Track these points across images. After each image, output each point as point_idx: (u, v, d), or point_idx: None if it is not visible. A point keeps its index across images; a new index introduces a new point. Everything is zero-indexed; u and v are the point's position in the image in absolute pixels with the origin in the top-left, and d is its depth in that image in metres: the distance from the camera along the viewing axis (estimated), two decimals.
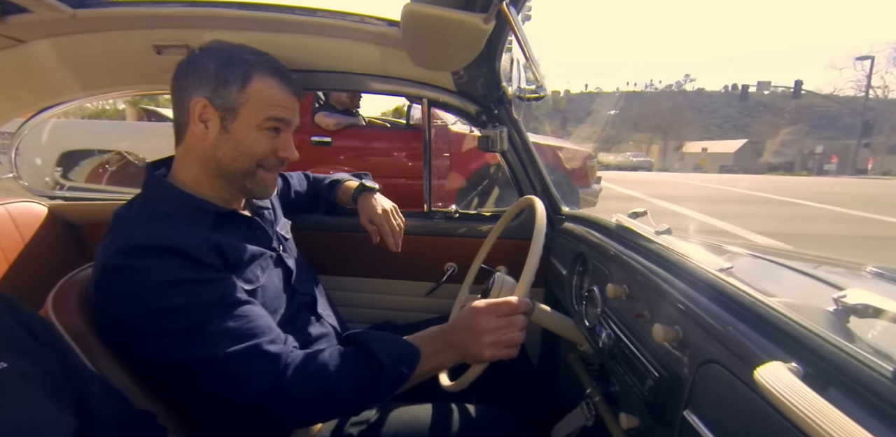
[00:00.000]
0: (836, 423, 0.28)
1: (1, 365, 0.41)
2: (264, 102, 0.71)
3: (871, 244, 4.91)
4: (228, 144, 0.72)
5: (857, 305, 0.40)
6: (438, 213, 1.32)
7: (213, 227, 0.72)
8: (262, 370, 0.61)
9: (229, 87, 0.70)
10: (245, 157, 0.73)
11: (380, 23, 0.99)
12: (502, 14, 0.71)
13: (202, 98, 0.70)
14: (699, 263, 0.58)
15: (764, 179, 19.17)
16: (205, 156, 0.73)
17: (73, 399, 0.46)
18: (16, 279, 1.04)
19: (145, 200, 0.73)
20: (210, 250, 0.66)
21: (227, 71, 0.70)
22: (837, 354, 0.35)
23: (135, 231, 0.66)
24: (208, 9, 0.94)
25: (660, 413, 0.54)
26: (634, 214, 0.86)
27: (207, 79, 0.70)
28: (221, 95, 0.70)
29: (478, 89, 1.16)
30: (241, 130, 0.71)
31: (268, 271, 0.76)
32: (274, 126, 0.73)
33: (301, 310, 0.82)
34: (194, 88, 0.70)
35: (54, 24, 0.91)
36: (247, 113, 0.71)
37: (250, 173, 0.74)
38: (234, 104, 0.70)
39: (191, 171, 0.74)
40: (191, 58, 0.72)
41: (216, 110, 0.70)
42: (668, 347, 0.54)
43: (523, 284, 0.69)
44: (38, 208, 1.19)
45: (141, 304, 0.61)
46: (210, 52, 0.72)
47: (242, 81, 0.70)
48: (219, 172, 0.74)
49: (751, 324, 0.43)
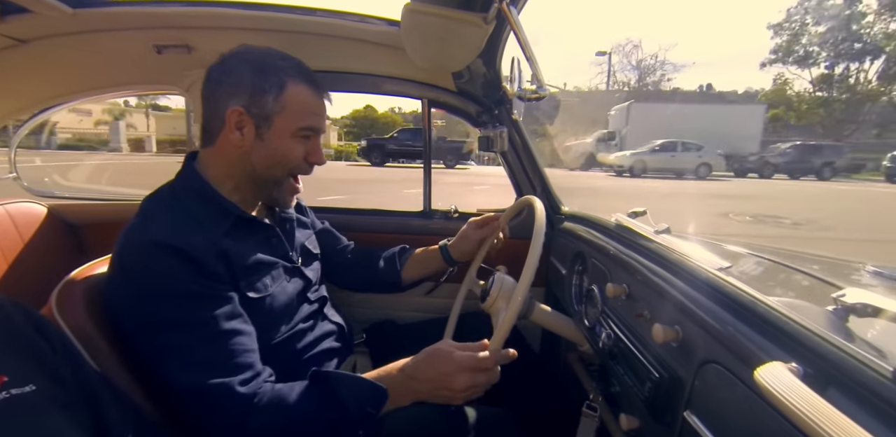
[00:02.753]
0: (836, 423, 0.28)
1: (30, 388, 0.40)
2: (298, 111, 0.72)
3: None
4: (263, 152, 0.72)
5: (856, 304, 0.40)
6: (438, 213, 1.33)
7: (228, 230, 0.72)
8: (228, 409, 0.61)
9: (266, 96, 0.70)
10: (279, 165, 0.74)
11: (380, 23, 0.99)
12: (502, 14, 0.71)
13: (239, 106, 0.70)
14: (699, 262, 0.58)
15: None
16: (238, 161, 0.73)
17: (90, 417, 0.46)
18: (15, 279, 1.04)
19: (175, 188, 0.74)
20: (217, 256, 0.66)
21: (262, 79, 0.70)
22: (837, 354, 0.35)
23: (150, 226, 0.67)
24: (208, 9, 0.94)
25: (660, 414, 0.54)
26: (634, 214, 0.86)
27: (244, 87, 0.70)
28: (258, 104, 0.70)
29: (478, 89, 1.16)
30: (276, 139, 0.72)
31: (279, 280, 0.76)
32: (307, 134, 0.74)
33: (310, 315, 0.83)
34: (230, 96, 0.70)
35: (54, 24, 0.91)
36: (281, 121, 0.71)
37: (280, 182, 0.76)
38: (270, 113, 0.70)
39: (218, 171, 0.75)
40: (224, 64, 0.72)
41: (252, 118, 0.70)
42: (668, 347, 0.54)
43: (523, 283, 0.69)
44: (37, 208, 1.19)
45: (137, 302, 0.62)
46: (243, 59, 0.72)
47: (278, 89, 0.70)
48: (250, 177, 0.74)
49: (751, 324, 0.43)
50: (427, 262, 1.02)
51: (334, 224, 1.11)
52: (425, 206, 1.33)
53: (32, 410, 0.40)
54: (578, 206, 1.23)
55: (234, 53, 0.73)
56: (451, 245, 1.01)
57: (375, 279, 1.01)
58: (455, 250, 1.00)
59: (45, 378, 0.43)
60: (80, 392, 0.47)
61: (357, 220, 1.33)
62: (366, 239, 1.29)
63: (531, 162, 1.23)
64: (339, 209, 1.35)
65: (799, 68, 26.19)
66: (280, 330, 0.76)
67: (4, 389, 0.39)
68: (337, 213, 1.33)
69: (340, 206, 1.38)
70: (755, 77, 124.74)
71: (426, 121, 1.28)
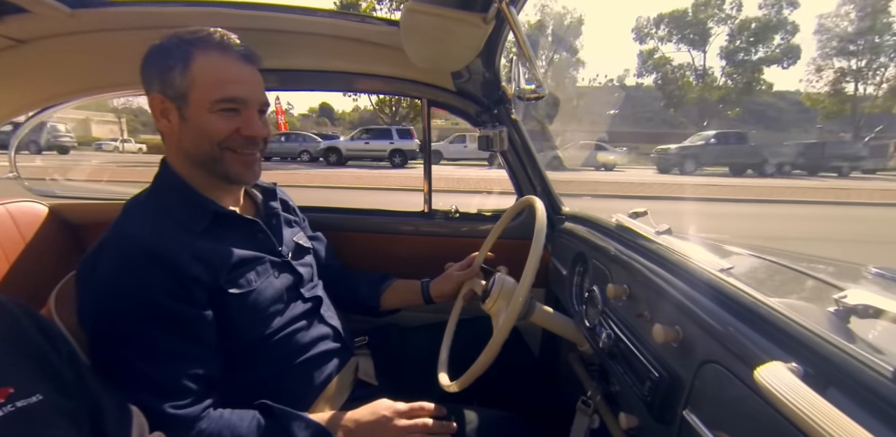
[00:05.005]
0: (836, 423, 0.28)
1: (36, 397, 0.40)
2: (211, 81, 0.67)
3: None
4: (189, 132, 0.70)
5: (857, 305, 0.40)
6: (438, 213, 1.32)
7: (207, 228, 0.71)
8: (173, 431, 0.59)
9: (172, 73, 0.66)
10: (204, 141, 0.70)
11: (380, 22, 0.99)
12: (502, 14, 0.71)
13: (156, 94, 0.69)
14: (699, 263, 0.58)
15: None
16: (177, 149, 0.73)
17: (90, 424, 0.46)
18: (16, 279, 1.04)
19: (154, 190, 0.74)
20: (194, 258, 0.66)
21: (166, 56, 0.67)
22: (837, 354, 0.35)
23: (128, 228, 0.66)
24: (208, 9, 0.94)
25: (659, 412, 0.54)
26: (635, 214, 0.86)
27: (155, 71, 0.68)
28: (168, 84, 0.67)
29: (477, 89, 1.16)
30: (196, 116, 0.68)
31: (266, 275, 0.76)
32: (229, 107, 0.69)
33: (304, 314, 0.82)
34: (149, 85, 0.69)
35: (53, 24, 0.91)
36: (196, 96, 0.67)
37: (217, 157, 0.71)
38: (183, 90, 0.67)
39: (179, 166, 0.75)
40: (143, 57, 0.70)
41: (171, 101, 0.68)
42: (669, 347, 0.54)
43: (524, 284, 0.69)
44: (38, 208, 1.19)
45: (98, 308, 0.62)
46: (157, 44, 0.69)
47: (183, 62, 0.66)
48: (191, 161, 0.73)
49: (751, 324, 0.43)
50: (407, 295, 1.04)
51: (334, 224, 1.12)
52: (426, 206, 1.33)
53: (37, 422, 0.39)
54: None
55: (155, 43, 0.70)
56: (433, 284, 1.02)
57: (355, 301, 1.03)
58: (435, 289, 1.01)
59: (50, 387, 0.42)
60: (82, 400, 0.46)
61: (357, 220, 1.33)
62: (366, 239, 1.29)
63: (531, 162, 1.23)
64: (339, 209, 1.35)
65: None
66: (270, 326, 0.75)
67: (10, 402, 0.39)
68: (337, 213, 1.33)
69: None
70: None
71: (426, 121, 1.28)
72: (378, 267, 1.27)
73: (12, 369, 0.41)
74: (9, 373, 0.41)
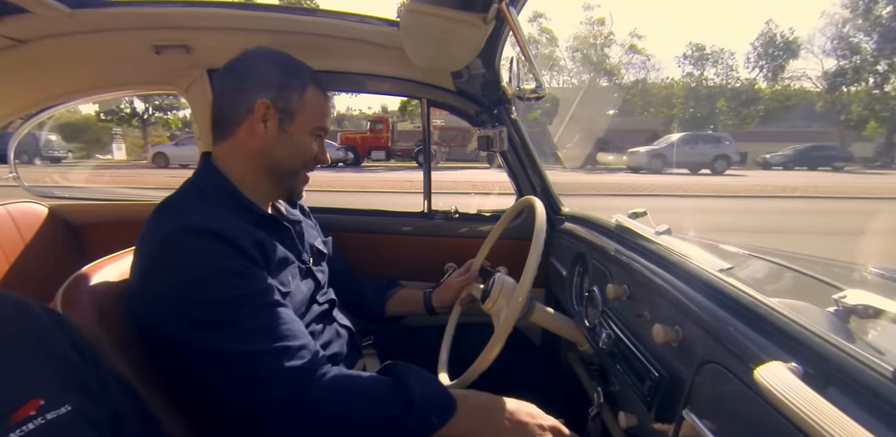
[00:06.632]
0: (836, 423, 0.28)
1: (66, 408, 0.38)
2: (316, 112, 0.78)
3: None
4: (285, 144, 0.76)
5: (857, 305, 0.40)
6: (438, 213, 1.33)
7: (255, 226, 0.73)
8: (286, 375, 0.59)
9: (292, 92, 0.75)
10: (298, 157, 0.78)
11: (379, 23, 0.99)
12: (502, 14, 0.71)
13: (266, 100, 0.73)
14: (699, 263, 0.58)
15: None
16: (259, 153, 0.75)
17: (112, 430, 0.44)
18: (16, 279, 1.04)
19: (197, 186, 0.75)
20: (254, 244, 0.67)
21: (290, 77, 0.75)
22: (837, 354, 0.35)
23: (186, 216, 0.66)
24: (208, 9, 0.94)
25: (659, 412, 0.54)
26: (634, 215, 0.86)
27: (272, 83, 0.74)
28: (284, 99, 0.74)
29: (477, 89, 1.16)
30: (297, 133, 0.76)
31: (296, 279, 0.77)
32: (320, 133, 0.80)
33: (320, 316, 0.83)
34: (258, 90, 0.73)
35: (53, 25, 0.91)
36: (302, 118, 0.76)
37: (296, 172, 0.80)
38: (294, 109, 0.75)
39: (237, 166, 0.76)
40: (249, 61, 0.76)
41: (276, 112, 0.74)
42: (669, 347, 0.54)
43: (524, 284, 0.69)
44: (38, 208, 1.19)
45: (180, 290, 0.61)
46: (268, 58, 0.77)
47: (302, 88, 0.75)
48: (269, 168, 0.77)
49: (751, 324, 0.43)
50: (410, 304, 1.05)
51: (335, 224, 1.11)
52: (426, 206, 1.33)
53: (67, 435, 0.38)
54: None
55: (257, 53, 0.77)
56: (435, 293, 1.03)
57: (361, 306, 1.04)
58: (437, 299, 1.03)
59: (78, 394, 0.40)
60: (106, 407, 0.44)
61: (357, 220, 1.33)
62: (366, 239, 1.29)
63: (531, 162, 1.23)
64: (339, 210, 1.35)
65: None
66: None
67: (40, 415, 0.36)
68: (337, 213, 1.33)
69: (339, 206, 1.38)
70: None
71: (426, 121, 1.28)
72: (378, 267, 1.27)
73: (41, 378, 0.40)
74: (38, 383, 0.39)
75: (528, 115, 17.62)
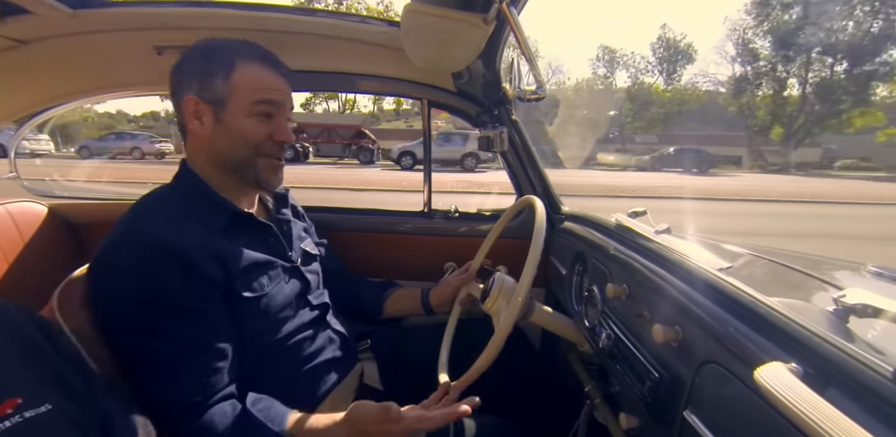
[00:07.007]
0: (836, 423, 0.28)
1: (45, 407, 0.38)
2: (250, 88, 0.72)
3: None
4: (224, 135, 0.73)
5: (856, 305, 0.40)
6: (438, 213, 1.33)
7: (224, 228, 0.72)
8: (181, 422, 0.61)
9: (214, 79, 0.71)
10: (241, 145, 0.73)
11: (380, 23, 0.99)
12: (502, 14, 0.71)
13: (192, 96, 0.71)
14: (699, 262, 0.58)
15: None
16: (207, 150, 0.74)
17: (99, 432, 0.44)
18: (16, 279, 1.04)
19: (172, 187, 0.76)
20: (211, 257, 0.66)
21: (209, 63, 0.71)
22: (837, 354, 0.35)
23: (145, 223, 0.67)
24: (208, 9, 0.94)
25: (660, 413, 0.54)
26: (634, 214, 0.86)
27: (194, 75, 0.71)
28: (208, 89, 0.71)
29: (478, 90, 1.16)
30: (233, 119, 0.72)
31: (277, 280, 0.76)
32: (264, 111, 0.73)
33: (312, 321, 0.82)
34: (184, 88, 0.72)
35: (54, 25, 0.91)
36: (236, 101, 0.71)
37: (251, 162, 0.75)
38: (222, 95, 0.71)
39: (199, 166, 0.76)
40: (178, 60, 0.74)
41: (207, 104, 0.72)
42: (669, 347, 0.54)
43: (523, 284, 0.69)
44: (38, 208, 1.19)
45: (117, 307, 0.63)
46: (193, 51, 0.73)
47: (226, 70, 0.71)
48: (222, 163, 0.75)
49: (751, 324, 0.43)
50: (408, 303, 1.03)
51: (334, 224, 1.11)
52: (425, 206, 1.33)
53: (46, 433, 0.38)
54: None
55: (189, 49, 0.74)
56: (433, 292, 1.02)
57: (357, 307, 1.03)
58: (435, 296, 1.01)
59: (59, 394, 0.41)
60: (91, 407, 0.45)
61: (357, 220, 1.33)
62: (366, 239, 1.29)
63: (531, 162, 1.23)
64: (339, 209, 1.35)
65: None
66: (279, 333, 0.75)
67: (18, 412, 0.37)
68: (337, 213, 1.33)
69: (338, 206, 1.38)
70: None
71: (426, 122, 1.28)
72: (377, 267, 1.28)
73: (19, 377, 0.40)
74: (16, 382, 0.39)
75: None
